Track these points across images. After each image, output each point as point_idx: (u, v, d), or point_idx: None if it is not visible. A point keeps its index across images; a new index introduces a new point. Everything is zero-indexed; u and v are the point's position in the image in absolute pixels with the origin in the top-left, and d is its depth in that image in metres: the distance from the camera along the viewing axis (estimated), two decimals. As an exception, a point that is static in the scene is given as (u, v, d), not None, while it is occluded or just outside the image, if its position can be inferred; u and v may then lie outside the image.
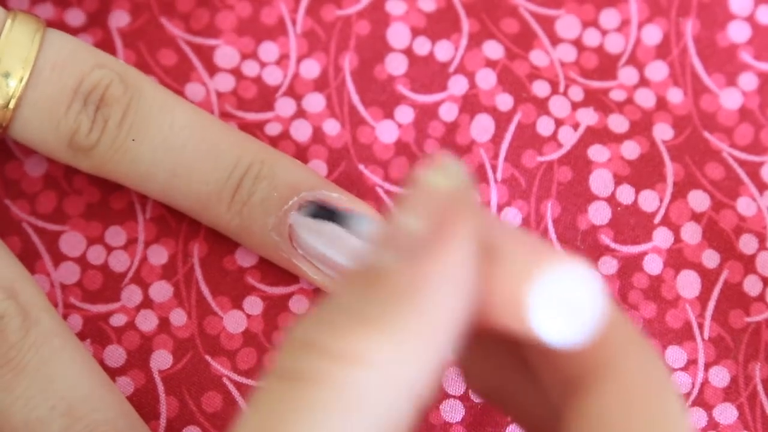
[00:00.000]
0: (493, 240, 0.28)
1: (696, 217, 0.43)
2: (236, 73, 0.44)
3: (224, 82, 0.43)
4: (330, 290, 0.28)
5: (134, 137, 0.39)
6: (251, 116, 0.43)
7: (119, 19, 0.44)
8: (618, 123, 0.43)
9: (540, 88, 0.43)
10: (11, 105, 0.39)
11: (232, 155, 0.40)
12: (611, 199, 0.43)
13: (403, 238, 0.27)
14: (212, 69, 0.43)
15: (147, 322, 0.42)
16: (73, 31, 0.44)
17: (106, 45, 0.43)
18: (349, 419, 0.26)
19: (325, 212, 0.37)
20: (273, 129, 0.43)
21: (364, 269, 0.27)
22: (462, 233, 0.27)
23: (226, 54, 0.44)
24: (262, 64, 0.44)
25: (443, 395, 0.41)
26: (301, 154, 0.43)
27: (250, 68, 0.44)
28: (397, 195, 0.43)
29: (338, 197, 0.40)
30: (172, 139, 0.40)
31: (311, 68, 0.43)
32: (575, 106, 0.43)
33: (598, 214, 0.43)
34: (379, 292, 0.27)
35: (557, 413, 0.29)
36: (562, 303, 0.28)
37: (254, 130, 0.43)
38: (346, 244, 0.40)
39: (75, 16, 0.44)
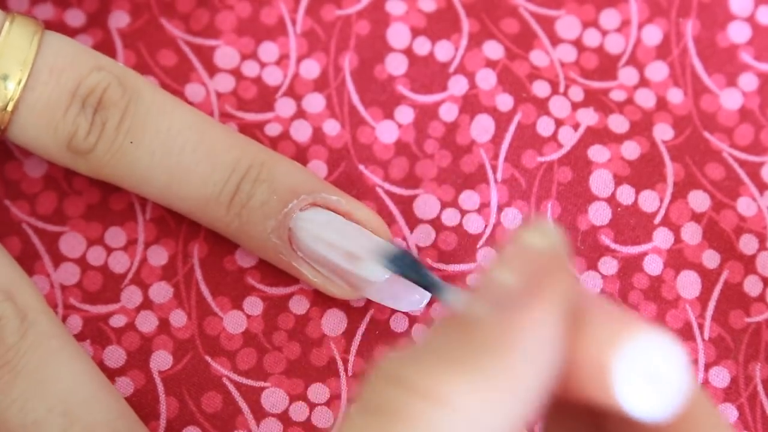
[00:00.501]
0: (579, 305, 0.29)
1: (696, 217, 0.43)
2: (236, 73, 0.43)
3: (224, 83, 0.43)
4: (424, 335, 0.29)
5: (132, 140, 0.39)
6: (251, 117, 0.43)
7: (119, 19, 0.44)
8: (618, 123, 0.43)
9: (540, 89, 0.43)
10: (9, 108, 0.39)
11: (231, 158, 0.40)
12: (611, 200, 0.43)
13: (497, 292, 0.28)
14: (212, 69, 0.43)
15: (147, 323, 0.42)
16: (73, 32, 0.44)
17: (105, 45, 0.43)
18: None
19: (416, 275, 0.38)
20: (273, 129, 0.43)
21: (457, 316, 0.28)
22: (554, 293, 0.28)
23: (226, 54, 0.44)
24: (262, 65, 0.44)
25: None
26: (301, 154, 0.43)
27: (250, 68, 0.44)
28: (397, 196, 0.43)
29: (338, 200, 0.40)
30: (170, 142, 0.40)
31: (311, 68, 0.43)
32: (575, 106, 0.43)
33: (599, 214, 0.43)
34: (471, 338, 0.27)
35: None
36: (648, 374, 0.28)
37: (254, 130, 0.43)
38: (346, 247, 0.40)
39: (75, 17, 0.44)
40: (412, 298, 0.41)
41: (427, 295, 0.41)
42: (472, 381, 0.27)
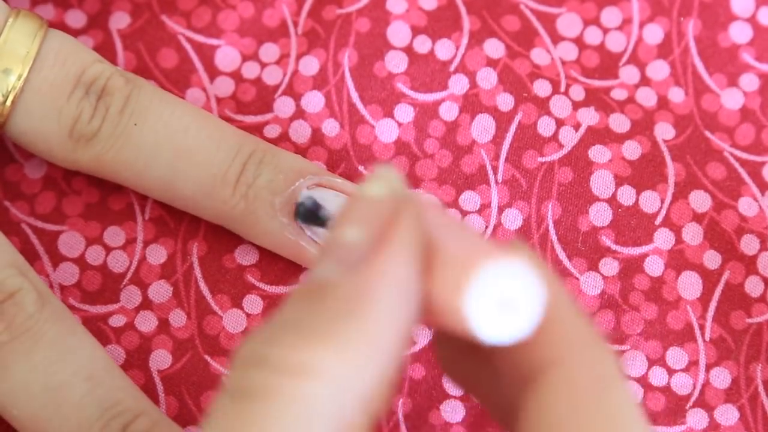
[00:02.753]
0: (435, 239, 0.29)
1: (697, 217, 0.43)
2: (236, 76, 0.43)
3: (224, 87, 0.43)
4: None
5: (136, 122, 0.39)
6: (250, 119, 0.43)
7: (120, 20, 0.44)
8: (619, 122, 0.43)
9: (541, 88, 0.43)
10: (9, 101, 0.39)
11: (235, 141, 0.40)
12: (612, 201, 0.43)
13: (344, 250, 0.28)
14: (213, 72, 0.43)
15: (146, 323, 0.42)
16: (74, 33, 0.44)
17: (106, 47, 0.43)
18: (302, 431, 0.26)
19: (314, 215, 0.38)
20: (272, 131, 0.43)
21: (307, 283, 0.28)
22: (401, 240, 0.28)
23: (227, 55, 0.44)
24: (263, 65, 0.44)
25: (444, 396, 0.41)
26: (300, 155, 0.43)
27: (250, 70, 0.43)
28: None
29: (342, 182, 0.41)
30: (174, 124, 0.40)
31: (310, 65, 0.43)
32: (576, 105, 0.43)
33: (599, 215, 0.42)
34: (323, 304, 0.27)
35: (515, 404, 0.30)
36: (499, 300, 0.28)
37: (253, 132, 0.43)
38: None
39: (76, 18, 0.44)
40: None
41: None
42: (333, 348, 0.27)
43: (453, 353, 0.32)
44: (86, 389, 0.38)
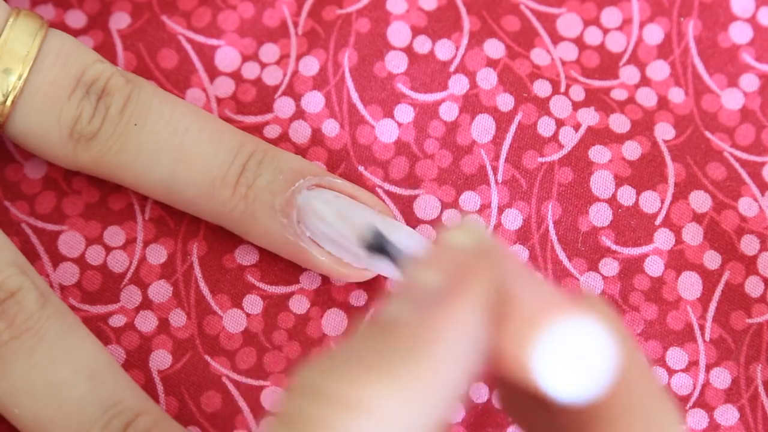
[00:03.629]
0: (510, 291, 0.29)
1: (697, 218, 0.43)
2: (236, 76, 0.43)
3: (224, 87, 0.43)
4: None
5: (136, 122, 0.39)
6: (250, 119, 0.43)
7: (120, 20, 0.44)
8: (619, 123, 0.43)
9: (541, 88, 0.43)
10: (9, 101, 0.39)
11: (235, 142, 0.40)
12: (612, 201, 0.42)
13: (418, 293, 0.28)
14: (213, 72, 0.43)
15: (146, 323, 0.42)
16: (74, 33, 0.44)
17: (106, 47, 0.43)
18: None
19: (382, 248, 0.38)
20: (272, 131, 0.43)
21: (376, 321, 0.28)
22: (475, 289, 0.28)
23: (227, 56, 0.44)
24: (263, 65, 0.44)
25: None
26: (300, 155, 0.43)
27: (251, 70, 0.43)
28: (397, 196, 0.43)
29: (342, 182, 0.41)
30: (174, 124, 0.40)
31: (310, 65, 0.43)
32: (576, 106, 0.43)
33: (599, 215, 0.42)
34: (386, 342, 0.28)
35: None
36: (569, 357, 0.28)
37: (253, 132, 0.43)
38: (355, 225, 0.40)
39: (76, 18, 0.44)
40: None
41: None
42: (387, 385, 0.27)
43: (515, 394, 0.32)
44: (87, 388, 0.38)
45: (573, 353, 0.28)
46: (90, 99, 0.40)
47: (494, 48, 0.44)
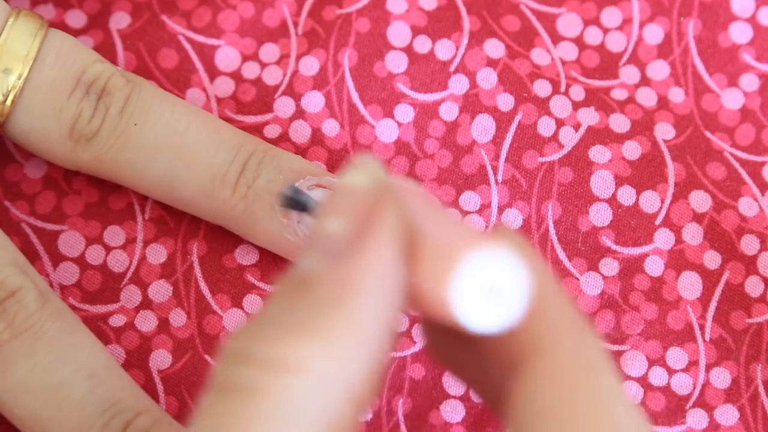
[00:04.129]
0: (419, 227, 0.28)
1: (697, 217, 0.43)
2: (236, 76, 0.43)
3: (224, 87, 0.43)
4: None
5: (136, 122, 0.39)
6: (250, 119, 0.43)
7: (120, 20, 0.44)
8: (619, 122, 0.43)
9: (541, 88, 0.43)
10: (9, 101, 0.39)
11: (235, 142, 0.40)
12: (612, 201, 0.42)
13: (326, 241, 0.28)
14: (213, 72, 0.43)
15: (146, 323, 0.42)
16: (74, 33, 0.44)
17: (106, 47, 0.43)
18: (290, 426, 0.26)
19: (300, 203, 0.37)
20: (272, 131, 0.43)
21: (291, 276, 0.28)
22: (383, 229, 0.28)
23: (227, 55, 0.44)
24: (263, 65, 0.43)
25: (443, 396, 0.41)
26: (300, 155, 0.42)
27: (251, 70, 0.43)
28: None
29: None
30: (174, 123, 0.40)
31: (310, 65, 0.43)
32: (576, 105, 0.43)
33: (599, 215, 0.42)
34: (307, 297, 0.27)
35: (501, 390, 0.30)
36: (485, 289, 0.28)
37: (253, 132, 0.43)
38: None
39: (76, 18, 0.44)
40: None
41: None
42: (317, 341, 0.27)
43: (440, 338, 0.32)
44: (87, 387, 0.38)
45: (487, 283, 0.28)
46: (90, 99, 0.40)
47: (494, 48, 0.44)
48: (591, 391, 0.28)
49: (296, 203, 0.38)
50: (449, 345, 0.31)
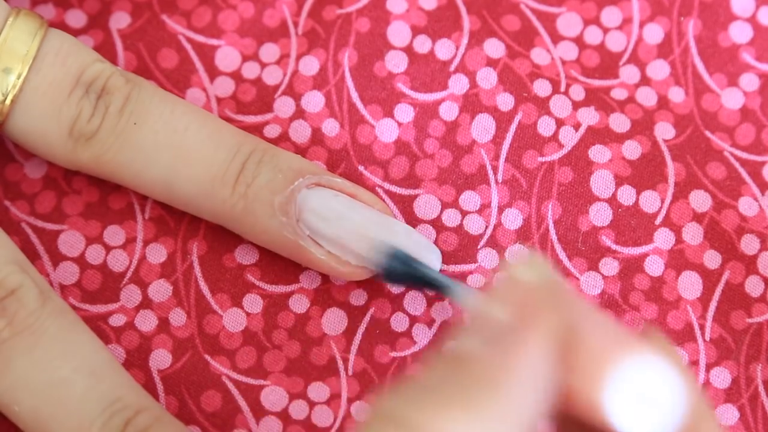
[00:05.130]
0: (575, 329, 0.29)
1: (697, 217, 0.43)
2: (236, 76, 0.43)
3: (224, 87, 0.43)
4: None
5: (136, 121, 0.40)
6: (250, 119, 0.43)
7: (120, 20, 0.44)
8: (619, 122, 0.43)
9: (541, 88, 0.43)
10: (8, 100, 0.39)
11: (234, 140, 0.40)
12: (612, 201, 0.42)
13: (489, 327, 0.29)
14: (213, 72, 0.43)
15: (146, 322, 0.42)
16: (74, 33, 0.44)
17: (106, 47, 0.43)
18: None
19: (416, 273, 0.38)
20: (272, 131, 0.43)
21: (451, 353, 0.29)
22: (544, 324, 0.29)
23: (227, 55, 0.44)
24: (263, 65, 0.44)
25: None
26: (300, 155, 0.42)
27: (251, 70, 0.43)
28: (397, 195, 0.43)
29: (342, 182, 0.40)
30: (173, 123, 0.40)
31: (310, 65, 0.43)
32: (576, 105, 0.43)
33: (599, 215, 0.42)
34: (463, 375, 0.28)
35: None
36: (640, 395, 0.28)
37: (253, 132, 0.43)
38: (355, 224, 0.40)
39: (76, 18, 0.44)
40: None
41: (438, 266, 0.41)
42: (464, 415, 0.28)
43: None
44: (88, 385, 0.38)
45: (644, 392, 0.28)
46: (89, 98, 0.40)
47: (494, 47, 0.44)
48: None
49: (403, 276, 0.38)
50: None
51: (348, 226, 0.40)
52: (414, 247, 0.40)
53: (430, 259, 0.40)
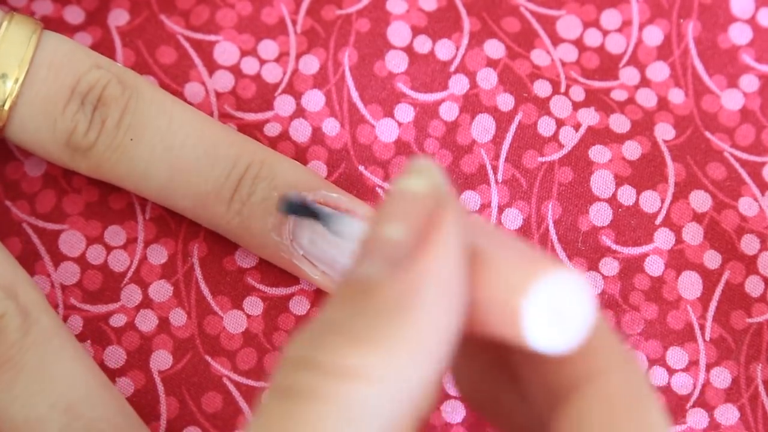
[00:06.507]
0: (478, 243, 0.28)
1: (697, 217, 0.43)
2: (235, 70, 0.43)
3: (223, 81, 0.43)
4: (324, 301, 0.28)
5: (132, 137, 0.39)
6: (250, 117, 0.43)
7: (118, 17, 0.43)
8: (619, 123, 0.43)
9: (541, 88, 0.43)
10: (7, 106, 0.39)
11: (231, 155, 0.40)
12: (612, 200, 0.43)
13: (386, 247, 0.27)
14: (211, 66, 0.43)
15: (147, 322, 0.41)
16: (72, 29, 0.43)
17: (105, 44, 0.43)
18: None
19: (306, 210, 0.37)
20: (272, 130, 0.43)
21: (351, 282, 0.27)
22: (446, 237, 0.27)
23: (225, 50, 0.43)
24: (262, 62, 0.43)
25: (444, 396, 0.41)
26: (301, 155, 0.42)
27: (250, 66, 0.43)
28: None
29: (338, 197, 0.40)
30: (170, 138, 0.40)
31: (310, 64, 0.43)
32: (576, 106, 0.43)
33: (600, 215, 0.43)
34: (369, 305, 0.27)
35: (542, 424, 0.29)
36: (554, 311, 0.28)
37: (253, 131, 0.43)
38: (347, 244, 0.39)
39: (74, 14, 0.44)
40: None
41: None
42: (380, 350, 0.26)
43: (473, 377, 0.31)
44: (63, 423, 0.37)
45: (557, 306, 0.28)
46: (85, 111, 0.39)
47: (494, 48, 0.44)
48: (643, 418, 0.28)
49: (299, 211, 0.37)
50: (484, 384, 0.31)
51: (341, 247, 0.39)
52: None
53: None
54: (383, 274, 0.27)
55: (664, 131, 0.43)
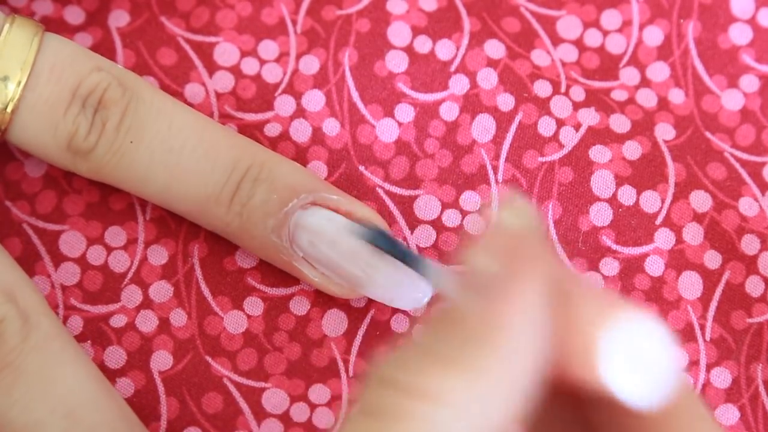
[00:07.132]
0: (563, 284, 0.29)
1: (698, 217, 0.43)
2: (235, 71, 0.43)
3: (223, 81, 0.43)
4: (413, 336, 0.29)
5: (132, 139, 0.39)
6: (250, 117, 0.43)
7: (119, 18, 0.43)
8: (619, 123, 0.43)
9: (541, 88, 0.43)
10: (9, 108, 0.39)
11: (231, 157, 0.40)
12: (613, 200, 0.43)
13: (477, 279, 0.28)
14: (212, 67, 0.43)
15: (147, 322, 0.41)
16: (73, 30, 0.43)
17: (105, 44, 0.43)
18: None
19: (388, 245, 0.37)
20: (272, 130, 0.43)
21: (442, 312, 0.28)
22: (535, 274, 0.28)
23: (225, 51, 0.43)
24: (262, 62, 0.43)
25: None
26: (301, 155, 0.42)
27: (250, 66, 0.43)
28: (397, 196, 0.42)
29: (338, 199, 0.40)
30: (170, 141, 0.40)
31: (310, 64, 0.43)
32: (576, 106, 0.43)
33: (600, 215, 0.43)
34: (455, 332, 0.28)
35: None
36: (635, 357, 0.28)
37: (253, 131, 0.43)
38: (346, 247, 0.40)
39: (74, 15, 0.44)
40: (414, 296, 0.40)
41: (428, 294, 0.40)
42: (461, 375, 0.27)
43: (545, 424, 0.32)
44: (63, 428, 0.37)
45: (639, 353, 0.28)
46: (86, 114, 0.39)
47: (495, 48, 0.44)
48: None
49: (381, 243, 0.38)
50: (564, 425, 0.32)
51: (340, 249, 0.40)
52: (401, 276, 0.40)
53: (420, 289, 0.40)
54: (474, 304, 0.28)
55: (665, 131, 0.43)
